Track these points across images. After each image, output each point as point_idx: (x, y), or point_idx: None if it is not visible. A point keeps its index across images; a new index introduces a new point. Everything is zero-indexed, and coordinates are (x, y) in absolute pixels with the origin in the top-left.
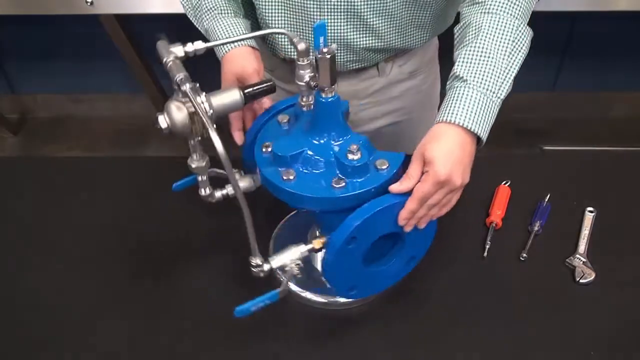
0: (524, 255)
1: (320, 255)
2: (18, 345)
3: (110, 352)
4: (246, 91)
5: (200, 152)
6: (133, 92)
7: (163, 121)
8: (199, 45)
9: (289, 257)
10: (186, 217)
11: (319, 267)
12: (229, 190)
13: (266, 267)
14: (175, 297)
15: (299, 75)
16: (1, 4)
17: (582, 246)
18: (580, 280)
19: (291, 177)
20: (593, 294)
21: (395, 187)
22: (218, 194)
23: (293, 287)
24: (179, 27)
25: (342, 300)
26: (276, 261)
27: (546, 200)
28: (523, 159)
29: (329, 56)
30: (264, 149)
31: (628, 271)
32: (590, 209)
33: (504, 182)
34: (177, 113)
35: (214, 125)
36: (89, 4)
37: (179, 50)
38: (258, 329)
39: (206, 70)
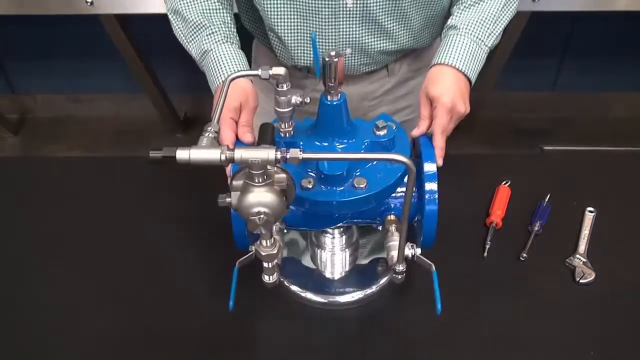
0: (524, 255)
1: (325, 256)
2: (18, 345)
3: (111, 352)
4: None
5: (273, 237)
6: (133, 92)
7: (269, 211)
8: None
9: (407, 250)
10: (187, 217)
11: (320, 267)
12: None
13: (403, 268)
14: (176, 297)
15: (281, 102)
16: (1, 4)
17: (582, 246)
18: (580, 280)
19: (364, 183)
20: (593, 294)
21: (417, 132)
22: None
23: (293, 287)
24: None
25: (342, 300)
26: (400, 260)
27: (546, 200)
28: (523, 159)
29: (337, 59)
30: (308, 184)
31: (628, 271)
32: (590, 209)
33: (504, 182)
34: (274, 197)
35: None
36: (89, 4)
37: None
38: (258, 329)
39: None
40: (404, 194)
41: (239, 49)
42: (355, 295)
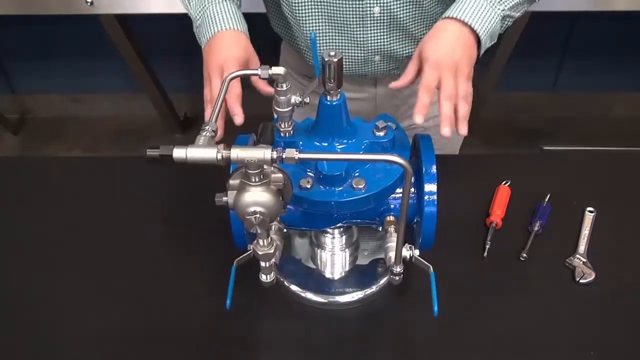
0: (524, 255)
1: (325, 256)
2: (18, 345)
3: (110, 352)
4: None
5: (270, 237)
6: (133, 92)
7: (265, 211)
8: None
9: (405, 252)
10: (187, 216)
11: (320, 267)
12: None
13: (401, 269)
14: (175, 296)
15: (280, 102)
16: (1, 4)
17: (582, 246)
18: (580, 280)
19: (363, 183)
20: (593, 294)
21: (394, 84)
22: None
23: (293, 287)
24: (179, 27)
25: (342, 300)
26: (398, 262)
27: (546, 200)
28: (523, 159)
29: (336, 60)
30: (307, 184)
31: (628, 271)
32: (590, 209)
33: (504, 182)
34: (270, 196)
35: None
36: (89, 4)
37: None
38: (258, 329)
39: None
40: None
41: (240, 10)
42: (355, 295)
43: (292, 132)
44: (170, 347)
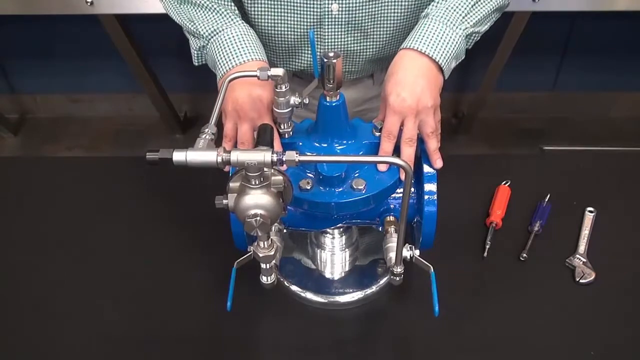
0: (524, 255)
1: (325, 256)
2: (18, 346)
3: (111, 352)
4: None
5: (271, 239)
6: (133, 92)
7: (265, 213)
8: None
9: (405, 252)
10: (187, 217)
11: (320, 267)
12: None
13: (401, 270)
14: (176, 297)
15: (280, 103)
16: (1, 4)
17: (582, 246)
18: (580, 280)
19: (363, 184)
20: (593, 294)
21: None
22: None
23: (293, 287)
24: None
25: (342, 300)
26: (398, 262)
27: (546, 200)
28: (523, 159)
29: (335, 60)
30: (307, 185)
31: (628, 271)
32: (590, 209)
33: (504, 182)
34: (271, 199)
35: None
36: (89, 4)
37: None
38: (258, 329)
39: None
40: None
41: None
42: (355, 295)
43: (291, 132)
44: (171, 348)
